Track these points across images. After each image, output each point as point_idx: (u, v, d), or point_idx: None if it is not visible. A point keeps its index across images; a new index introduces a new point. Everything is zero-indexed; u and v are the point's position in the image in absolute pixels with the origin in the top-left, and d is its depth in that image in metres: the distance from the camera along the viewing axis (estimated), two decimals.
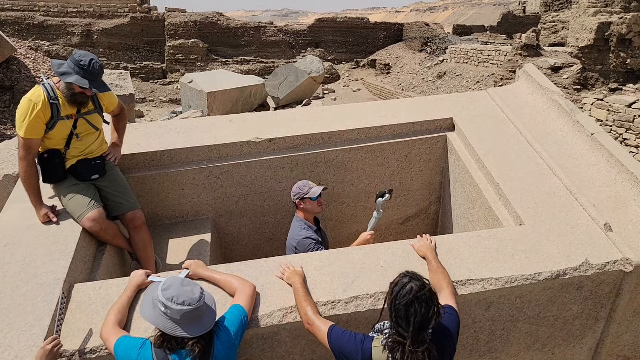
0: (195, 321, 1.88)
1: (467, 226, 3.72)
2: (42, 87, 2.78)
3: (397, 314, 1.86)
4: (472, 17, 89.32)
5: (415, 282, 1.89)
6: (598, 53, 14.17)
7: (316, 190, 3.25)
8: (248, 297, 2.27)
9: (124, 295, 2.28)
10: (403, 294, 1.86)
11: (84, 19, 32.26)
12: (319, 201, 3.28)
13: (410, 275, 1.94)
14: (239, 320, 2.11)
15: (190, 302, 1.85)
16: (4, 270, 2.47)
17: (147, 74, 31.34)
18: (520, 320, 2.72)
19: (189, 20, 32.45)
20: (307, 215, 3.32)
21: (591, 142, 3.39)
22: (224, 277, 2.40)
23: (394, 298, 1.88)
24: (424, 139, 3.96)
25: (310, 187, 3.26)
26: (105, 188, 3.01)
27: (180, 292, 1.86)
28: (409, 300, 1.84)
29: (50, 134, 2.79)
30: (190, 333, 1.85)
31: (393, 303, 1.88)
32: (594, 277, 2.61)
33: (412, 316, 1.83)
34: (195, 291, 1.90)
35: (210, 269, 2.48)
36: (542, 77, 4.16)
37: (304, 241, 3.17)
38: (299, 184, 3.30)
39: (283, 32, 35.22)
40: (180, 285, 1.90)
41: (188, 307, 1.84)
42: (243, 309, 2.18)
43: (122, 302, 2.25)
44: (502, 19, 31.56)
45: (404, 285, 1.89)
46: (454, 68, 25.75)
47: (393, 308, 1.88)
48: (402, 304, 1.85)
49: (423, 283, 1.90)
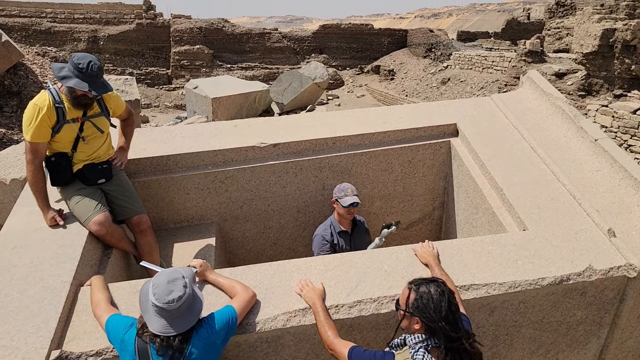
0: (174, 320, 1.94)
1: (470, 231, 3.73)
2: (47, 91, 2.81)
3: (446, 321, 1.80)
4: (476, 23, 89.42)
5: (433, 285, 1.87)
6: (602, 59, 14.17)
7: (346, 200, 3.40)
8: (244, 301, 2.29)
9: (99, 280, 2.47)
10: (438, 301, 1.82)
11: (90, 25, 32.54)
12: (349, 210, 3.43)
13: (421, 282, 1.91)
14: (225, 319, 2.13)
15: (178, 298, 1.91)
16: (12, 273, 2.50)
17: (153, 79, 31.52)
18: (524, 325, 2.72)
19: (194, 26, 32.66)
20: (340, 217, 3.49)
21: (595, 147, 3.40)
22: (228, 281, 2.42)
23: (433, 311, 1.81)
24: (427, 144, 3.97)
25: (345, 194, 3.41)
26: (112, 192, 3.04)
27: (166, 290, 1.92)
28: (447, 302, 1.82)
29: (57, 137, 2.83)
30: (168, 330, 1.92)
31: (436, 315, 1.80)
32: (598, 283, 2.61)
33: (456, 312, 1.84)
34: (179, 287, 1.94)
35: (216, 273, 2.51)
36: (545, 83, 4.17)
37: (316, 237, 3.47)
38: (340, 186, 3.48)
39: (287, 38, 35.36)
40: (167, 283, 1.94)
41: (172, 305, 1.90)
42: (234, 310, 2.20)
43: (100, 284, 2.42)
44: (506, 25, 31.57)
45: (429, 293, 1.84)
46: (458, 74, 25.78)
47: (440, 319, 1.80)
48: (446, 308, 1.80)
49: (437, 281, 1.90)
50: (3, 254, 2.62)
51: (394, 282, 2.51)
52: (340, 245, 3.51)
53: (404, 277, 2.53)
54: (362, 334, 2.49)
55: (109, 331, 2.09)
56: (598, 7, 14.66)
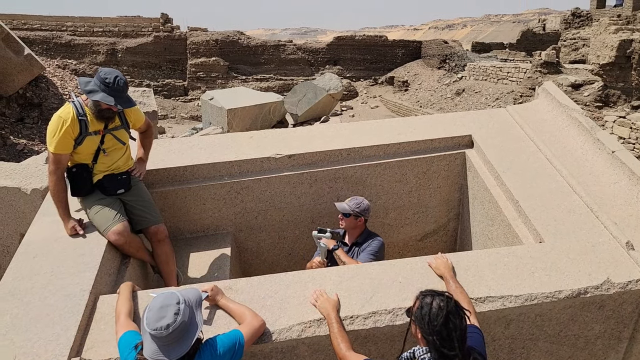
0: (165, 346, 1.86)
1: (486, 243, 3.71)
2: (71, 104, 2.89)
3: (438, 336, 1.79)
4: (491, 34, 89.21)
5: (438, 298, 1.85)
6: (619, 70, 14.02)
7: (338, 206, 3.38)
8: (252, 327, 2.22)
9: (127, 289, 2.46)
10: (435, 314, 1.81)
11: (109, 38, 33.18)
12: (339, 217, 3.41)
13: (429, 294, 1.90)
14: (231, 343, 2.07)
15: (166, 326, 1.84)
16: (33, 282, 2.56)
17: (169, 91, 31.96)
18: (541, 339, 2.69)
19: (210, 38, 33.10)
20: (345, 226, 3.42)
21: (612, 159, 3.37)
22: (238, 307, 2.37)
23: (427, 322, 1.81)
24: (442, 156, 3.97)
25: (342, 203, 3.39)
26: (130, 202, 3.10)
27: (157, 316, 1.86)
28: (443, 317, 1.80)
29: (79, 149, 2.90)
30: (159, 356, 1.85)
31: (429, 328, 1.80)
32: (616, 296, 2.58)
33: (453, 331, 1.79)
34: (170, 314, 1.87)
35: (227, 298, 2.46)
36: (561, 94, 4.15)
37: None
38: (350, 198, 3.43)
39: (302, 49, 35.64)
40: (159, 308, 1.88)
41: (160, 332, 1.83)
42: (242, 335, 2.14)
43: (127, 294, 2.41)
44: (521, 36, 31.43)
45: (430, 305, 1.84)
46: (472, 85, 25.70)
47: (432, 332, 1.80)
48: (439, 324, 1.79)
49: (445, 296, 1.88)
50: (25, 263, 2.68)
51: (409, 293, 2.50)
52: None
53: (418, 288, 2.51)
54: (376, 346, 2.49)
55: (119, 349, 2.08)
56: (615, 18, 14.56)
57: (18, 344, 2.21)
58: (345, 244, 3.42)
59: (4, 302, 2.43)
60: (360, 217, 3.34)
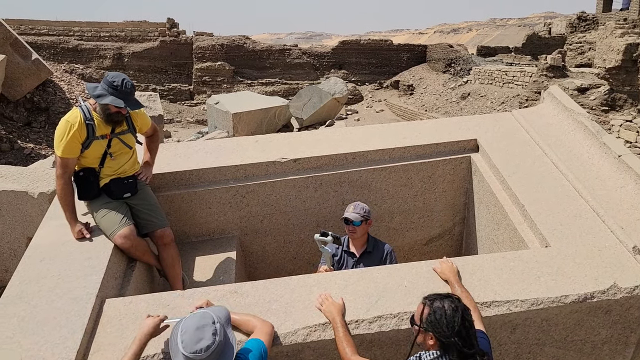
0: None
1: (491, 247, 3.70)
2: (78, 108, 2.92)
3: (459, 336, 1.79)
4: (496, 38, 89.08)
5: (447, 300, 1.86)
6: (626, 74, 13.96)
7: (350, 217, 3.21)
8: (267, 334, 2.20)
9: (135, 346, 2.08)
10: (452, 316, 1.81)
11: (116, 43, 33.39)
12: (349, 227, 3.26)
13: (436, 298, 1.91)
14: (259, 354, 2.05)
15: (206, 347, 1.80)
16: (40, 285, 2.57)
17: (175, 95, 32.10)
18: (547, 344, 2.68)
19: (216, 43, 33.24)
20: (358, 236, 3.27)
21: (618, 163, 3.36)
22: (241, 316, 2.32)
23: (445, 326, 1.80)
24: (447, 160, 3.97)
25: (347, 210, 3.26)
26: (137, 206, 3.12)
27: (194, 337, 1.81)
28: (460, 317, 1.81)
29: (86, 153, 2.93)
30: None
31: (449, 330, 1.80)
32: (623, 301, 2.56)
33: (470, 328, 1.82)
34: (208, 335, 1.83)
35: None
36: (567, 98, 4.15)
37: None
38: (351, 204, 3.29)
39: (307, 54, 35.71)
40: (195, 329, 1.83)
41: (200, 355, 1.80)
42: (263, 343, 2.11)
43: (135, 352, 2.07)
44: (526, 40, 31.35)
45: (442, 308, 1.84)
46: (478, 89, 25.64)
47: (452, 334, 1.79)
48: (459, 324, 1.79)
49: (453, 297, 1.89)
50: (32, 266, 2.70)
51: (414, 297, 2.50)
52: (344, 264, 3.32)
53: (424, 292, 2.50)
54: (382, 350, 2.48)
55: None
56: (621, 22, 14.50)
57: (25, 346, 2.22)
58: (351, 254, 3.33)
59: (11, 305, 2.44)
60: (369, 219, 3.26)
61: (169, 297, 2.58)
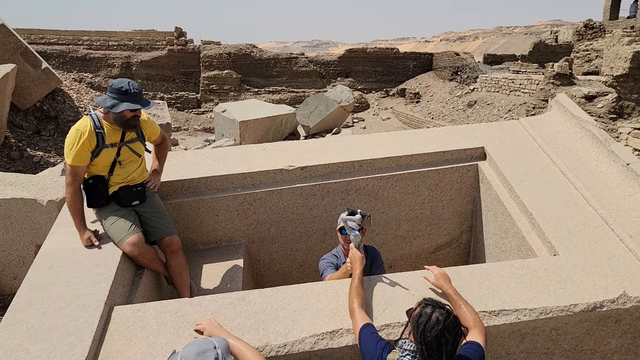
0: None
1: (499, 256, 3.68)
2: (88, 117, 2.95)
3: (428, 346, 1.85)
4: (502, 46, 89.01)
5: (439, 311, 1.89)
6: (634, 82, 13.90)
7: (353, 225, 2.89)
8: None
9: None
10: (431, 326, 1.85)
11: (124, 52, 33.69)
12: (345, 238, 3.05)
13: (431, 304, 1.93)
14: None
15: None
16: (49, 292, 2.59)
17: (182, 103, 32.30)
18: (556, 353, 2.65)
19: (223, 52, 33.47)
20: (343, 248, 3.15)
21: (627, 171, 3.34)
22: (237, 342, 2.17)
23: (422, 331, 1.87)
24: (454, 168, 3.97)
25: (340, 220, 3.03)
26: (145, 213, 3.14)
27: None
28: (438, 331, 1.83)
29: (95, 161, 2.95)
30: None
31: (422, 336, 1.86)
32: (633, 310, 2.54)
33: (444, 345, 1.84)
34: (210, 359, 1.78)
35: (226, 332, 2.30)
36: (574, 106, 4.14)
37: (322, 260, 3.19)
38: (342, 215, 2.99)
39: (314, 62, 35.85)
40: (196, 355, 1.78)
41: None
42: None
43: None
44: (533, 47, 31.31)
45: (428, 316, 1.88)
46: (484, 97, 25.61)
47: (423, 341, 1.86)
48: (432, 336, 1.84)
49: (447, 310, 1.90)
50: (41, 274, 2.72)
51: None
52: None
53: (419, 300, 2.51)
54: None
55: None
56: (628, 30, 14.47)
57: (34, 353, 2.24)
58: None
59: (20, 313, 2.46)
60: (363, 228, 2.95)
61: (177, 305, 2.58)
